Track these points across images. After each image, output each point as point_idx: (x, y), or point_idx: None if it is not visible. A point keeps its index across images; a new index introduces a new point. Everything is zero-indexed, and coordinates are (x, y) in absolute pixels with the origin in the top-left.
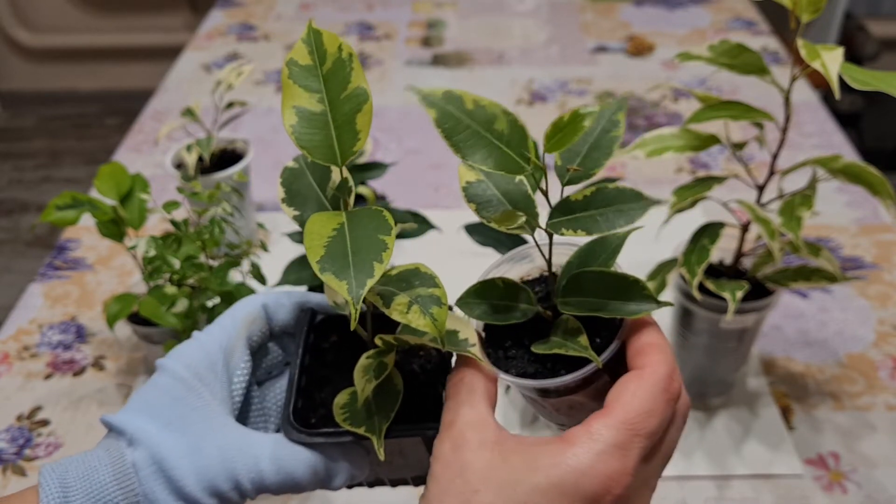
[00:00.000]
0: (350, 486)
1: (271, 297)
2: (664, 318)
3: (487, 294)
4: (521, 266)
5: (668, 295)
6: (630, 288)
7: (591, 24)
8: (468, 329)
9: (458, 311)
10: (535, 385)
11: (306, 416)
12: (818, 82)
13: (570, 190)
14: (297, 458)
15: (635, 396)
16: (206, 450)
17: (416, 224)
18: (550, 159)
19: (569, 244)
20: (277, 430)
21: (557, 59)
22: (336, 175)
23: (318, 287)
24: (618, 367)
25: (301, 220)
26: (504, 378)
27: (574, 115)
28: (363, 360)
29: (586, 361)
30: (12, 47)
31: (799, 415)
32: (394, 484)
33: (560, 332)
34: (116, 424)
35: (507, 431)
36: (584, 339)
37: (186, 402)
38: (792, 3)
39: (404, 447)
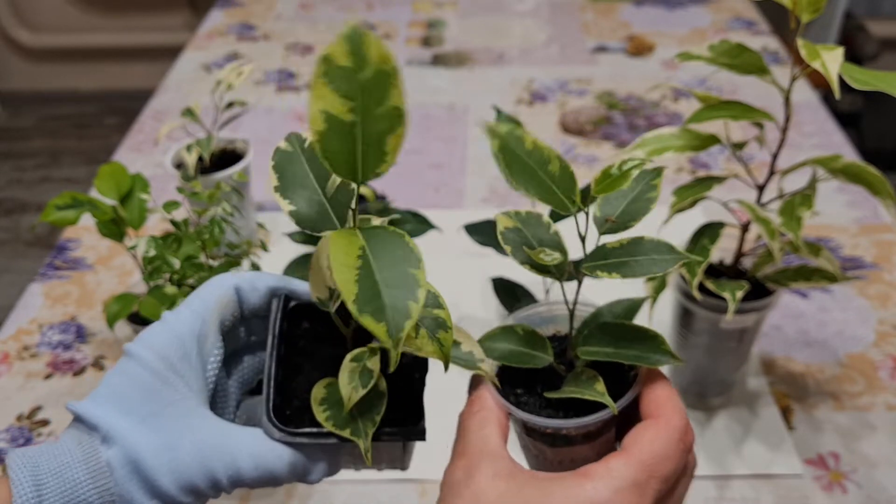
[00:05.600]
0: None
1: (244, 281)
2: (664, 317)
3: (507, 338)
4: (538, 327)
5: (668, 295)
6: (650, 341)
7: (591, 23)
8: (471, 342)
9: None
10: (551, 424)
11: (281, 408)
12: (818, 82)
13: (605, 239)
14: (276, 455)
15: (653, 441)
16: (183, 447)
17: (417, 224)
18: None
19: (586, 306)
20: (238, 407)
21: (557, 58)
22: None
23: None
24: (624, 425)
25: (298, 217)
26: (518, 415)
27: (622, 166)
28: (347, 364)
29: (598, 411)
30: (12, 47)
31: (799, 415)
32: (380, 468)
33: (574, 382)
34: (89, 419)
35: (520, 465)
36: (600, 386)
37: (161, 396)
38: (792, 3)
39: (384, 446)
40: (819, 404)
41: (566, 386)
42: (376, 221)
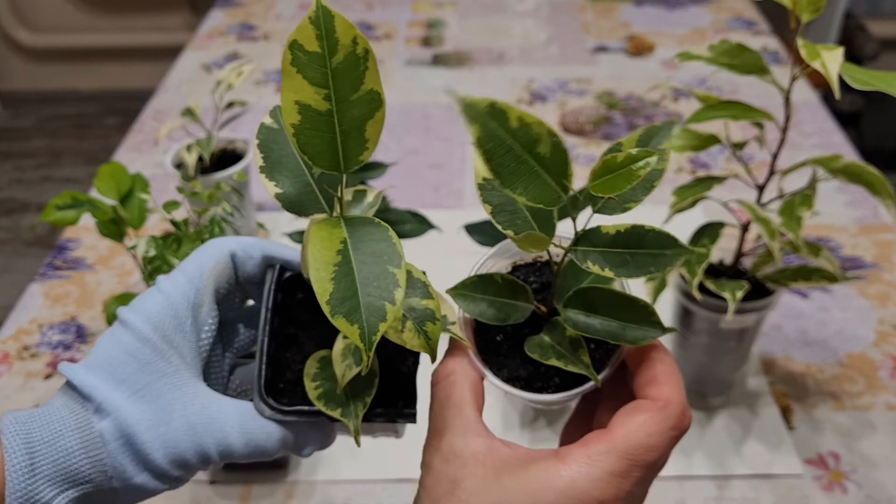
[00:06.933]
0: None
1: (239, 247)
2: (664, 318)
3: (485, 289)
4: (511, 257)
5: (668, 294)
6: (639, 312)
7: (591, 23)
8: (445, 305)
9: (447, 297)
10: (530, 399)
11: (273, 381)
12: (818, 82)
13: (599, 218)
14: (266, 432)
15: (642, 428)
16: (175, 422)
17: (416, 224)
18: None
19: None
20: (231, 371)
21: (557, 58)
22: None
23: None
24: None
25: (285, 199)
26: (495, 384)
27: (628, 159)
28: (341, 339)
29: (581, 379)
30: (12, 47)
31: (799, 415)
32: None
33: (556, 338)
34: (83, 388)
35: (496, 439)
36: (585, 356)
37: (154, 368)
38: (792, 3)
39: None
40: (819, 404)
41: (546, 335)
42: (371, 196)
